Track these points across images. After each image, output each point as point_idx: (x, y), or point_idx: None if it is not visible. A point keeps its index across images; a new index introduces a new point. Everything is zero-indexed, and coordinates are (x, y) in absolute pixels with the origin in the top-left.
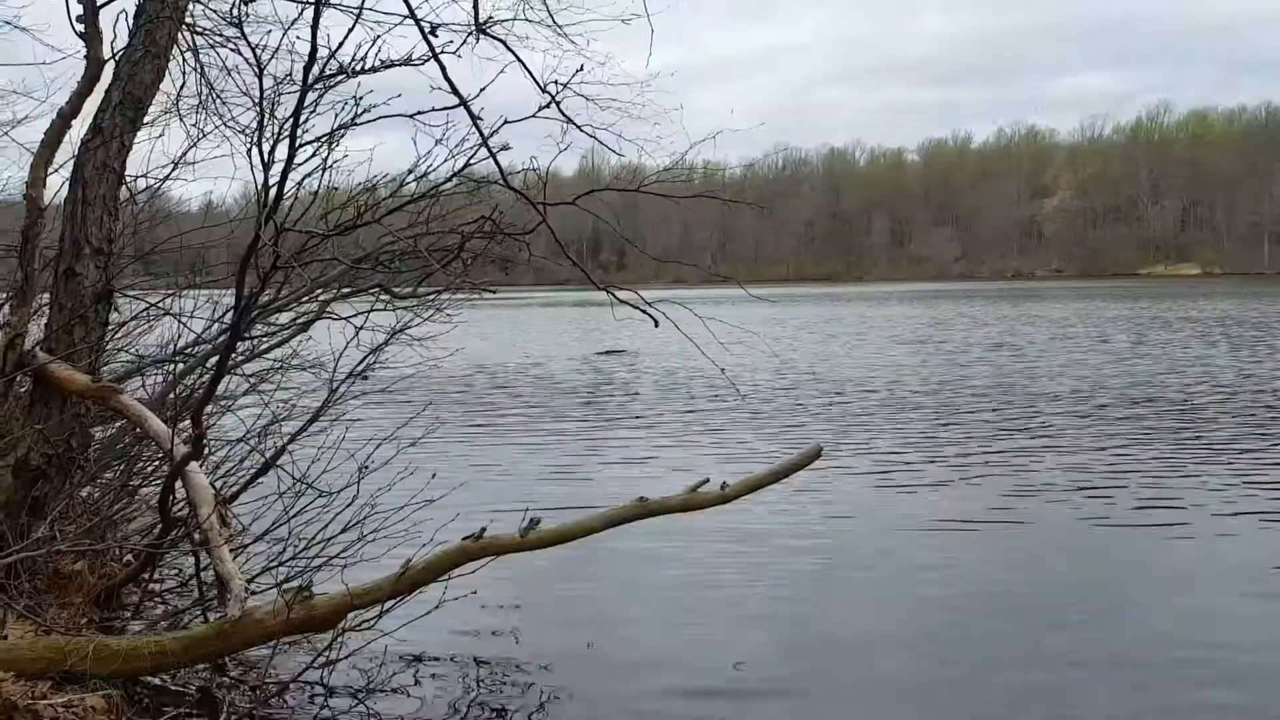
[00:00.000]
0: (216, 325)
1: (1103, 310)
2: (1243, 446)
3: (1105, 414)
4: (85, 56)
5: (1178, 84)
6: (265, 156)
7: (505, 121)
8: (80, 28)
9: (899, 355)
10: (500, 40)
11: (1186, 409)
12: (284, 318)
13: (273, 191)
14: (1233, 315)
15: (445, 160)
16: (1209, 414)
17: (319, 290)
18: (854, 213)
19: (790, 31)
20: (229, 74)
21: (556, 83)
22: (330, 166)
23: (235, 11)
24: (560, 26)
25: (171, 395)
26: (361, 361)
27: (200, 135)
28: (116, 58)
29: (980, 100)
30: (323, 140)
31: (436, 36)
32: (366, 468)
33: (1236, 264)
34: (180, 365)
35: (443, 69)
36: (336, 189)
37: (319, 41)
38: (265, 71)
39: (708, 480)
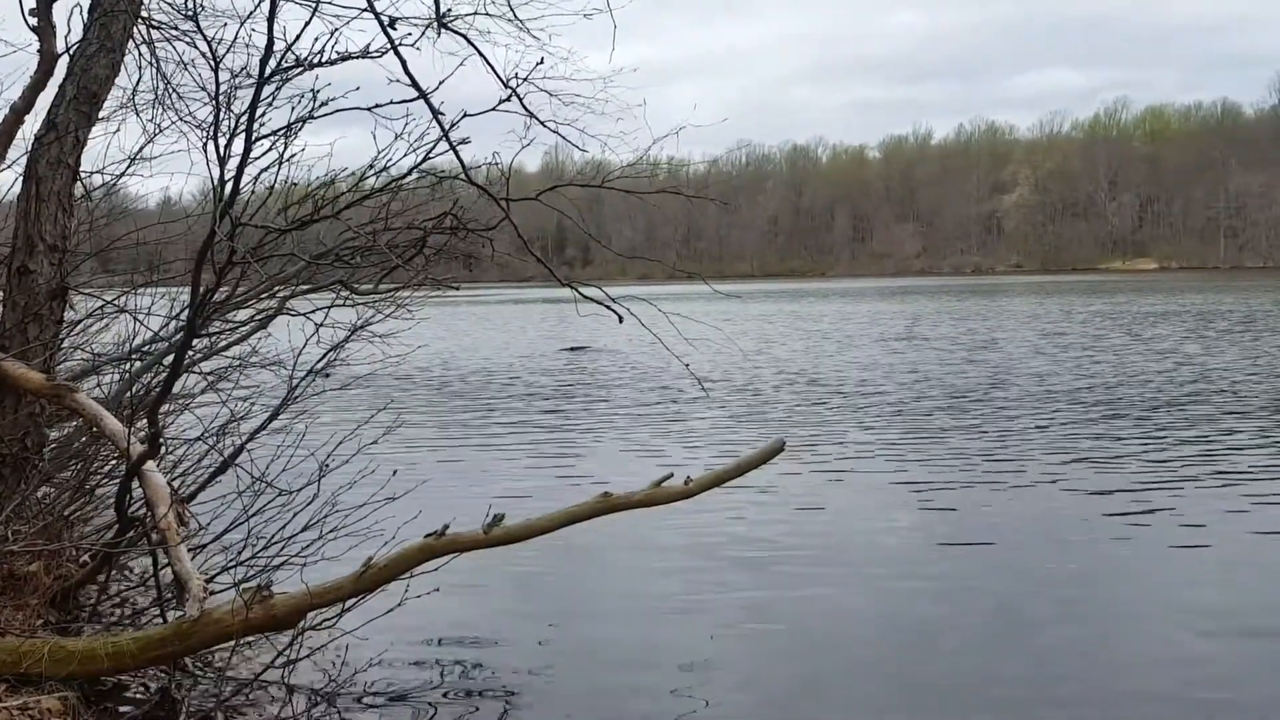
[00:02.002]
0: (174, 323)
1: (1083, 306)
2: (1251, 445)
3: (1107, 412)
4: (38, 51)
5: (1140, 82)
6: (221, 151)
7: (465, 115)
8: (33, 21)
9: (877, 352)
10: (461, 34)
11: (1201, 408)
12: (243, 315)
13: (229, 186)
14: (1217, 310)
15: (405, 155)
16: (1225, 412)
17: (278, 287)
18: (817, 209)
19: (759, 30)
20: (185, 68)
21: (517, 76)
22: (288, 160)
23: (191, 4)
24: (522, 21)
25: (128, 394)
26: (322, 359)
27: (157, 130)
28: (71, 52)
29: (943, 97)
30: (279, 134)
31: (395, 30)
32: (327, 466)
33: (1192, 258)
34: (137, 363)
35: (402, 62)
36: (296, 184)
37: (275, 34)
38: (221, 65)
39: (671, 475)
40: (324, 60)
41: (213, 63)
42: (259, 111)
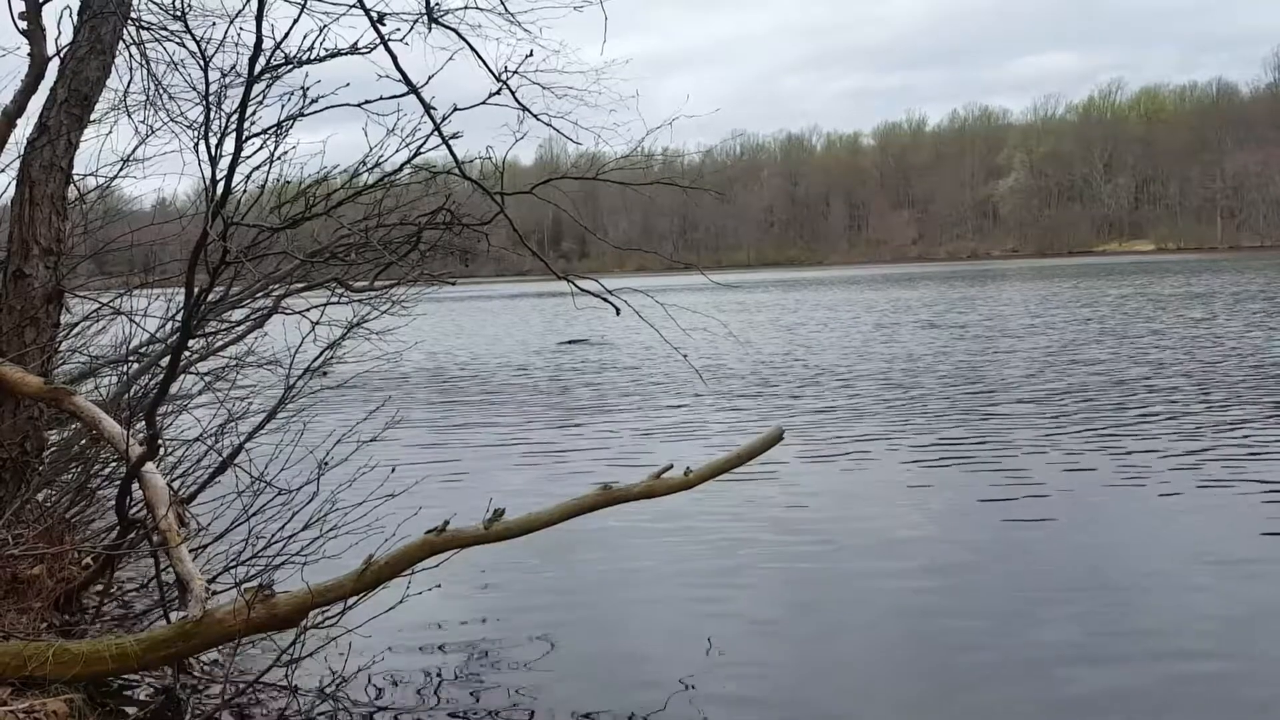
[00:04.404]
0: (170, 324)
1: (1107, 289)
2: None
3: (1163, 399)
4: (29, 54)
5: (1134, 64)
6: (213, 151)
7: (456, 108)
8: (23, 25)
9: (911, 340)
10: (452, 29)
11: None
12: (239, 315)
13: (221, 186)
14: (1246, 290)
15: (398, 150)
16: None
17: (273, 286)
18: (812, 198)
19: (753, 19)
20: (176, 68)
21: (507, 69)
22: (279, 159)
23: (179, 4)
24: (512, 14)
25: (126, 396)
26: (318, 356)
27: (149, 132)
28: (61, 54)
29: (937, 83)
30: (270, 132)
31: (385, 25)
32: (326, 464)
33: (1189, 239)
34: (134, 365)
35: (393, 57)
36: (289, 183)
37: (264, 32)
38: (211, 65)
39: (671, 466)
40: (313, 57)
41: (202, 62)
42: (249, 110)
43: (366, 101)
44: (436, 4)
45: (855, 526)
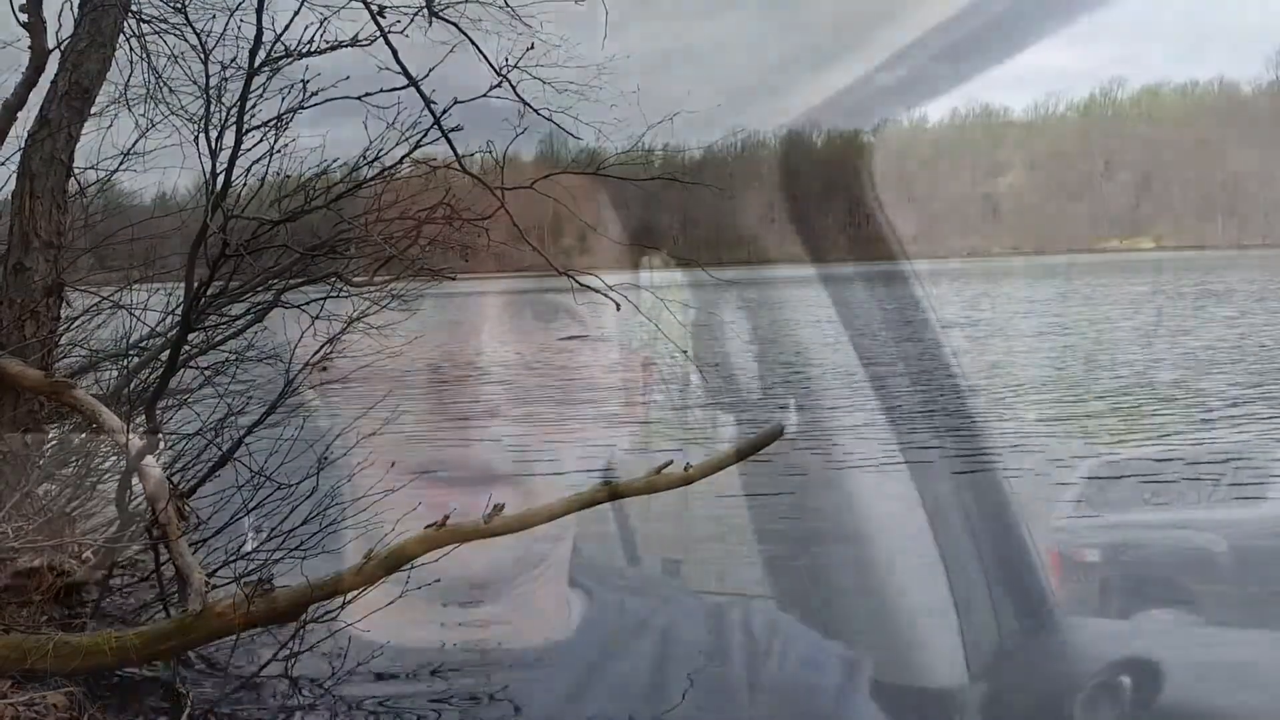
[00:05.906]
0: (170, 318)
1: (1122, 286)
2: None
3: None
4: (29, 47)
5: (1135, 59)
6: (213, 144)
7: (456, 101)
8: (24, 18)
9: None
10: (452, 23)
11: None
12: (239, 309)
13: (220, 179)
14: (1267, 288)
15: (397, 144)
16: None
17: (273, 280)
18: (812, 194)
19: (755, 15)
20: (176, 61)
21: (508, 63)
22: (279, 152)
23: None
24: (512, 9)
25: (126, 390)
26: (317, 351)
27: (150, 125)
28: (61, 47)
29: (939, 78)
30: (270, 124)
31: (385, 18)
32: (326, 458)
33: (1190, 237)
34: (134, 359)
35: (393, 50)
36: (288, 176)
37: (264, 25)
38: (211, 57)
39: (671, 462)
40: (313, 50)
41: (202, 55)
42: (249, 103)
43: (366, 94)
44: None
45: (860, 526)
